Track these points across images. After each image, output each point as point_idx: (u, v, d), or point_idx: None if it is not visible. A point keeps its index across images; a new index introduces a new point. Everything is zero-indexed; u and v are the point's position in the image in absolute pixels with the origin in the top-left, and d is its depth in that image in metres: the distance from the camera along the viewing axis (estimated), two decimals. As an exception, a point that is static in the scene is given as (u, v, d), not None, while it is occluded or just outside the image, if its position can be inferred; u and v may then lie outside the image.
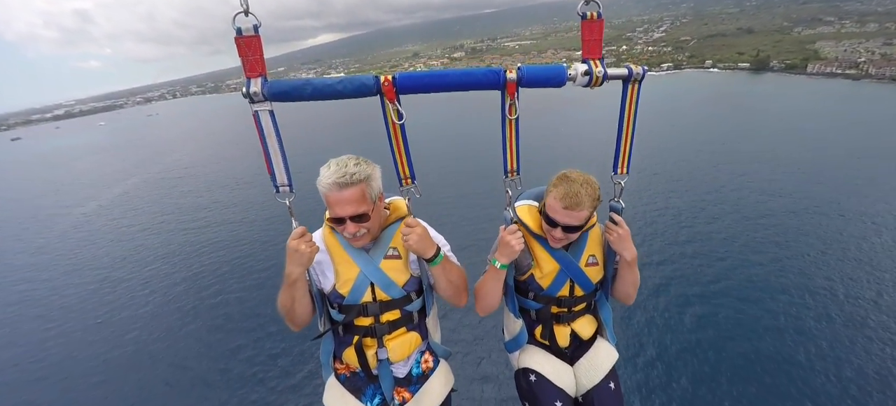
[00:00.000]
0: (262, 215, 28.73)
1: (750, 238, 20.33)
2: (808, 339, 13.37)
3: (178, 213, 31.70)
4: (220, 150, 61.73)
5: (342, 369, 1.90)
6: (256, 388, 13.23)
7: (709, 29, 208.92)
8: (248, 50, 1.32)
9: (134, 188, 42.42)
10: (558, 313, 1.95)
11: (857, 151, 34.90)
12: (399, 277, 1.73)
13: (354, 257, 1.69)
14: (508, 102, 1.46)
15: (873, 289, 15.89)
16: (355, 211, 1.54)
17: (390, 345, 1.79)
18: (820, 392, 11.49)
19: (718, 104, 67.60)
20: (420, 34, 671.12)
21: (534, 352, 2.00)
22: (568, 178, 1.66)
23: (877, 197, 24.43)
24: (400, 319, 1.79)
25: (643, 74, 1.51)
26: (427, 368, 1.91)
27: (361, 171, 1.54)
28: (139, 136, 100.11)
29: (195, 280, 20.63)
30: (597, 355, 1.98)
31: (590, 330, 2.01)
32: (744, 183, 27.93)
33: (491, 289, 1.81)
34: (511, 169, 1.62)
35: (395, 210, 1.79)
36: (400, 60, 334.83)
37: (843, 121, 50.20)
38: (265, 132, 1.45)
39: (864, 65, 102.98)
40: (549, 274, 1.86)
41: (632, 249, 1.75)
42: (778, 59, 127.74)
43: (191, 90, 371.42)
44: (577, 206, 1.61)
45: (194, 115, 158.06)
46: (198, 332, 16.52)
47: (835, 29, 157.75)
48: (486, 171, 30.14)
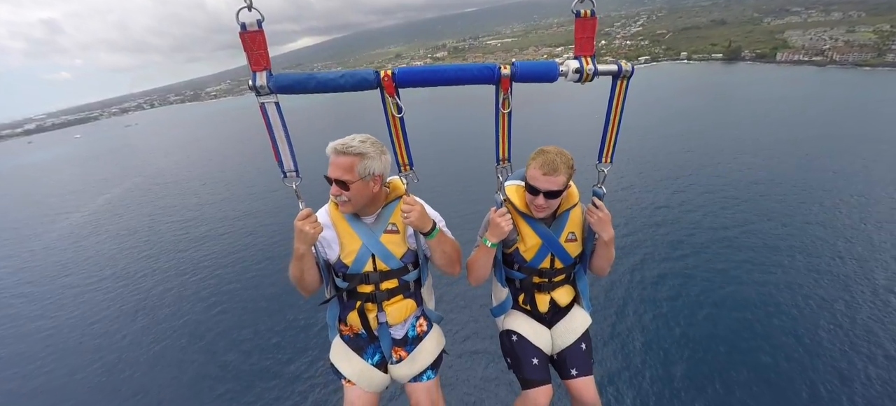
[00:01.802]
0: (263, 210, 29.33)
1: (722, 217, 21.82)
2: (775, 305, 14.76)
3: (183, 220, 31.85)
4: (211, 156, 61.26)
5: (346, 330, 2.11)
6: (272, 354, 14.58)
7: (683, 22, 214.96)
8: (252, 45, 1.38)
9: (128, 194, 42.07)
10: (539, 283, 2.15)
11: (823, 133, 37.38)
12: (397, 250, 1.90)
13: (357, 231, 1.86)
14: (502, 97, 1.54)
15: (833, 250, 17.63)
16: (339, 176, 1.69)
17: (389, 309, 1.98)
18: (783, 346, 12.76)
19: (693, 94, 70.26)
20: (402, 35, 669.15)
21: (516, 316, 2.24)
22: (544, 151, 1.85)
23: (841, 172, 26.64)
24: (398, 287, 1.96)
25: (632, 71, 1.60)
26: (422, 331, 2.13)
27: (360, 148, 1.69)
28: (121, 146, 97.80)
29: (216, 266, 21.76)
30: (572, 320, 2.21)
31: (567, 298, 2.22)
32: (718, 166, 29.80)
33: (482, 264, 1.99)
34: (502, 157, 1.72)
35: (393, 189, 1.94)
36: (383, 62, 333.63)
37: (811, 105, 53.23)
38: (272, 123, 1.53)
39: (829, 51, 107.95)
40: (533, 248, 2.04)
41: (610, 231, 1.91)
42: (749, 49, 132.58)
43: (169, 99, 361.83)
44: (555, 172, 1.79)
45: (176, 123, 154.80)
46: (214, 314, 17.50)
47: (802, 18, 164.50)
48: (479, 160, 31.42)
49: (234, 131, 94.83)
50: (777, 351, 12.57)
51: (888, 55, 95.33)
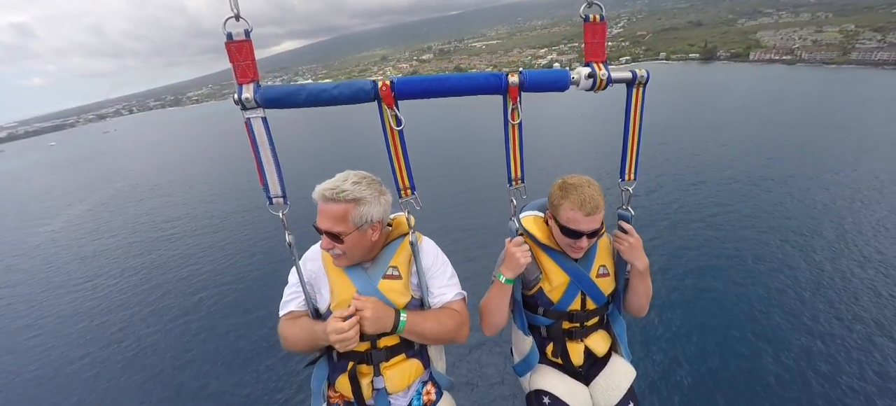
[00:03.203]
0: (247, 222, 29.21)
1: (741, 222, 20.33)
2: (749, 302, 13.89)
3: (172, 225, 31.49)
4: (194, 162, 60.40)
5: (335, 398, 1.73)
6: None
7: (662, 23, 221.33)
8: (239, 55, 1.31)
9: (108, 201, 41.28)
10: (570, 329, 1.85)
11: (790, 126, 39.47)
12: (399, 299, 1.59)
13: (352, 277, 1.59)
14: (511, 107, 1.44)
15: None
16: (330, 228, 1.46)
17: (388, 373, 1.64)
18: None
19: (673, 93, 72.58)
20: (386, 38, 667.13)
21: (546, 372, 1.89)
22: (574, 185, 1.61)
23: (811, 163, 28.33)
24: (399, 345, 1.65)
25: (647, 77, 1.51)
26: (429, 401, 1.76)
27: (354, 191, 1.46)
28: (98, 154, 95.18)
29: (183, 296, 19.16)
30: (614, 373, 1.88)
31: (604, 346, 1.91)
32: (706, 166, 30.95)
33: (497, 306, 1.71)
34: (515, 176, 1.56)
35: (396, 226, 1.70)
36: (368, 65, 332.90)
37: (781, 100, 55.89)
38: (258, 140, 1.40)
39: (799, 50, 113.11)
40: (560, 287, 1.78)
41: (643, 258, 1.70)
42: (724, 49, 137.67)
43: (149, 105, 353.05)
44: (597, 210, 1.58)
45: (158, 128, 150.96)
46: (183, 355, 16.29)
47: (773, 19, 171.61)
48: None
49: (219, 136, 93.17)
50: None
51: (852, 54, 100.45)
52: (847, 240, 17.65)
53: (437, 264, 1.67)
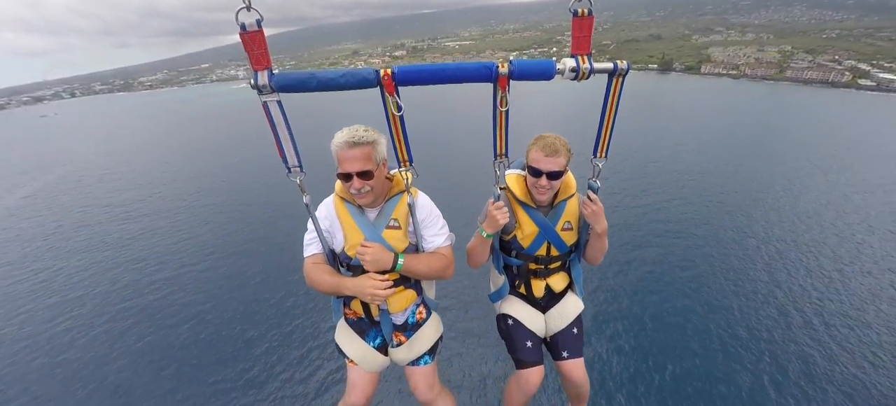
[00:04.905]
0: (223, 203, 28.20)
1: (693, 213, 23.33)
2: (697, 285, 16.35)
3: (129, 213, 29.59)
4: (144, 149, 56.75)
5: (350, 314, 2.20)
6: (281, 326, 14.63)
7: (626, 34, 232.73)
8: (253, 44, 1.38)
9: (40, 191, 38.06)
10: (535, 270, 2.21)
11: (732, 134, 43.42)
12: (398, 245, 1.91)
13: (360, 225, 1.89)
14: (500, 95, 1.53)
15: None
16: (361, 168, 1.70)
17: (390, 300, 2.01)
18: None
19: (634, 98, 77.05)
20: (358, 32, 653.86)
21: (513, 301, 2.32)
22: (543, 136, 1.93)
23: (748, 160, 32.00)
24: (399, 279, 1.98)
25: (628, 69, 1.60)
26: (421, 318, 2.19)
27: (369, 135, 1.73)
28: (33, 140, 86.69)
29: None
30: (565, 305, 2.29)
31: (562, 285, 2.28)
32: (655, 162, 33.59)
33: (479, 252, 2.09)
34: (500, 152, 1.71)
35: (396, 183, 1.96)
36: (339, 58, 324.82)
37: (725, 111, 61.09)
38: (275, 121, 1.54)
39: (743, 66, 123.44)
40: (530, 235, 2.10)
41: (603, 223, 1.97)
42: (680, 62, 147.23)
43: (94, 88, 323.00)
44: (556, 153, 1.87)
45: (104, 114, 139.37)
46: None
47: (723, 37, 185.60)
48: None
49: (177, 123, 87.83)
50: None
51: (787, 71, 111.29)
52: (771, 216, 22.07)
53: (431, 217, 1.98)
